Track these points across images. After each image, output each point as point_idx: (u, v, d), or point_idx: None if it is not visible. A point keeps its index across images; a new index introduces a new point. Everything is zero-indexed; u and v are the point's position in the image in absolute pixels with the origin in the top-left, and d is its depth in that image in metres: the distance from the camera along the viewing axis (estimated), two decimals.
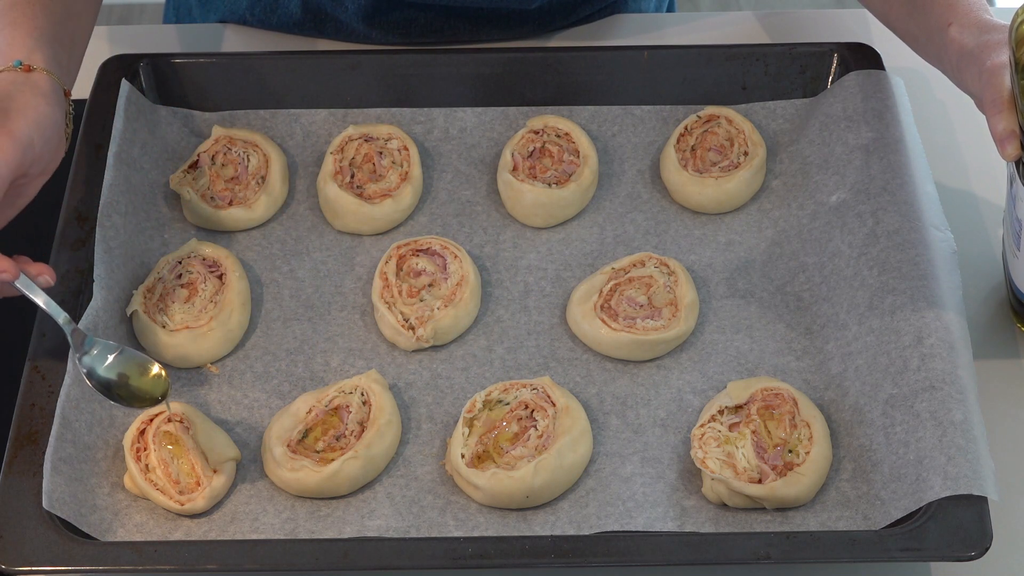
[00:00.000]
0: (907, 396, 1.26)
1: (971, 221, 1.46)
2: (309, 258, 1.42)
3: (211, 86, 1.50)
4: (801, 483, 1.23)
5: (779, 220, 1.44)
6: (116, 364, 1.25)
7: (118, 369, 1.25)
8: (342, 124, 1.50)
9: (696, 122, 1.48)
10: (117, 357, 1.25)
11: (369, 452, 1.25)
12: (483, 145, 1.50)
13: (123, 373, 1.25)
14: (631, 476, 1.26)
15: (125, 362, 1.25)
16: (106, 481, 1.26)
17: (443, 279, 1.37)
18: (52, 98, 1.25)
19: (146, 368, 1.25)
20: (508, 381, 1.31)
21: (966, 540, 1.17)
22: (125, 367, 1.25)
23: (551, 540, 1.19)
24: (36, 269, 1.23)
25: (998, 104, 1.23)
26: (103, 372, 1.24)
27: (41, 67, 1.26)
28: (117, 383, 1.24)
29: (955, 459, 1.20)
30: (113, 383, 1.24)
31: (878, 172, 1.39)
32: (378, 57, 1.51)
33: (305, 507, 1.25)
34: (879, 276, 1.33)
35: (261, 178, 1.45)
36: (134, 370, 1.25)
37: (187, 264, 1.37)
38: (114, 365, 1.24)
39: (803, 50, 1.50)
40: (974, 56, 1.26)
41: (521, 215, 1.44)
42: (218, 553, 1.19)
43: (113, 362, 1.25)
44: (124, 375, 1.25)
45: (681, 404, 1.32)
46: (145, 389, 1.25)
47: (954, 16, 1.30)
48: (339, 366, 1.35)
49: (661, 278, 1.37)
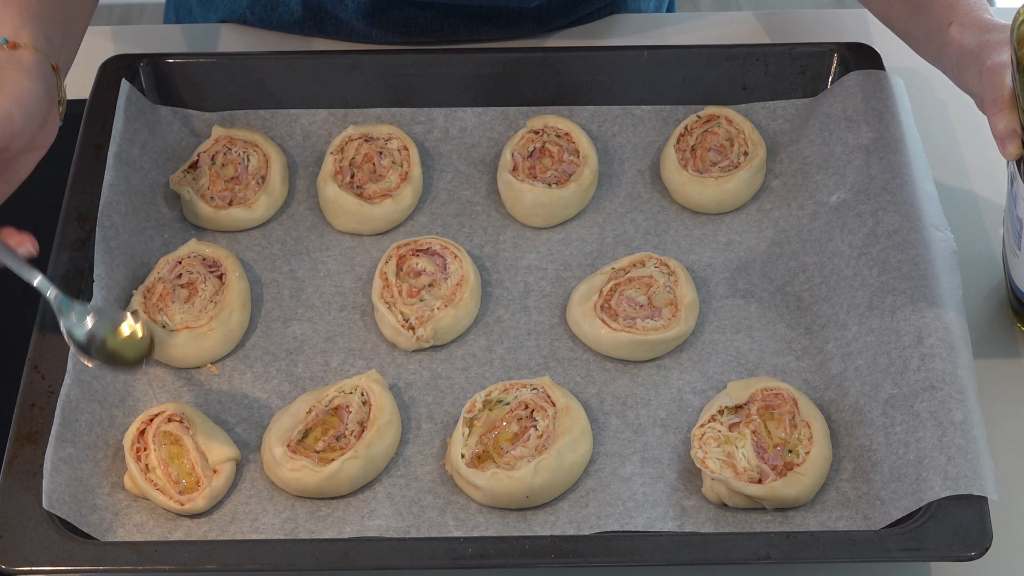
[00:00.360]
0: (907, 396, 1.26)
1: (971, 221, 1.46)
2: (309, 258, 1.42)
3: (211, 86, 1.50)
4: (801, 483, 1.23)
5: (779, 220, 1.44)
6: (94, 326, 1.23)
7: (96, 331, 1.24)
8: (342, 124, 1.50)
9: (696, 122, 1.48)
10: (95, 319, 1.24)
11: (369, 452, 1.25)
12: (483, 145, 1.50)
13: (99, 335, 1.23)
14: (631, 476, 1.27)
15: (103, 324, 1.24)
16: (106, 481, 1.26)
17: (443, 279, 1.37)
18: (35, 74, 1.25)
19: (122, 330, 1.24)
20: (508, 381, 1.31)
21: (966, 540, 1.17)
22: (102, 329, 1.23)
23: (551, 540, 1.19)
24: (17, 239, 1.23)
25: (999, 103, 1.23)
26: (80, 335, 1.23)
27: (28, 44, 1.26)
28: (97, 345, 1.23)
29: (955, 459, 1.20)
30: (93, 346, 1.23)
31: (878, 172, 1.39)
32: (378, 57, 1.51)
33: (305, 507, 1.25)
34: (879, 276, 1.33)
35: (261, 178, 1.45)
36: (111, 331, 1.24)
37: (187, 264, 1.37)
38: (92, 327, 1.23)
39: (803, 50, 1.50)
40: (974, 56, 1.26)
41: (521, 215, 1.44)
42: (218, 553, 1.19)
43: (91, 324, 1.23)
44: (101, 337, 1.23)
45: (681, 404, 1.32)
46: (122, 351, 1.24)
47: (954, 16, 1.30)
48: (339, 366, 1.35)
49: (661, 278, 1.37)
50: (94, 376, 1.29)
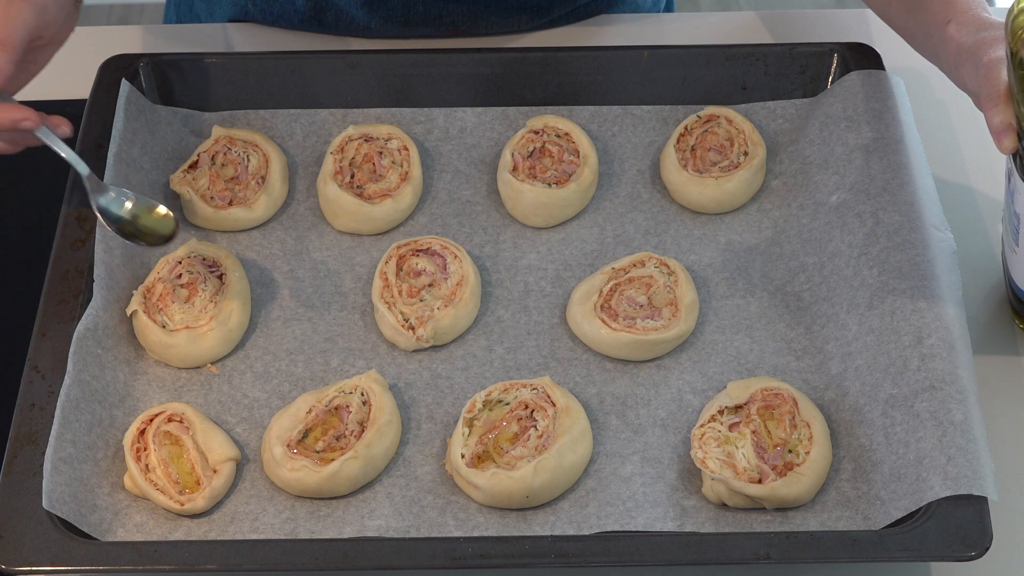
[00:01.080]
0: (907, 396, 1.26)
1: (971, 221, 1.46)
2: (309, 258, 1.42)
3: (211, 86, 1.50)
4: (801, 483, 1.23)
5: (779, 220, 1.44)
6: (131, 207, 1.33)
7: (132, 210, 1.32)
8: (342, 124, 1.50)
9: (696, 122, 1.48)
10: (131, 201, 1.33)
11: (369, 452, 1.25)
12: (483, 145, 1.50)
13: (135, 213, 1.32)
14: (631, 476, 1.26)
15: (137, 204, 1.33)
16: (106, 481, 1.26)
17: (443, 279, 1.37)
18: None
19: (154, 208, 1.33)
20: (508, 381, 1.31)
21: (966, 540, 1.17)
22: (136, 208, 1.33)
23: (551, 540, 1.19)
24: (55, 120, 1.30)
25: (994, 98, 1.23)
26: (118, 211, 1.32)
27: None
28: (129, 221, 1.32)
29: (955, 459, 1.20)
30: (125, 221, 1.32)
31: (878, 172, 1.39)
32: (378, 57, 1.51)
33: (305, 507, 1.25)
34: (879, 276, 1.33)
35: (261, 178, 1.45)
36: (143, 210, 1.33)
37: (187, 264, 1.37)
38: (128, 207, 1.32)
39: (803, 50, 1.50)
40: (971, 53, 1.26)
41: (521, 215, 1.44)
42: (218, 553, 1.19)
43: (128, 204, 1.33)
44: (135, 214, 1.32)
45: (681, 404, 1.32)
46: (153, 227, 1.33)
47: (952, 14, 1.30)
48: (339, 366, 1.35)
49: (661, 278, 1.37)
50: (94, 376, 1.29)
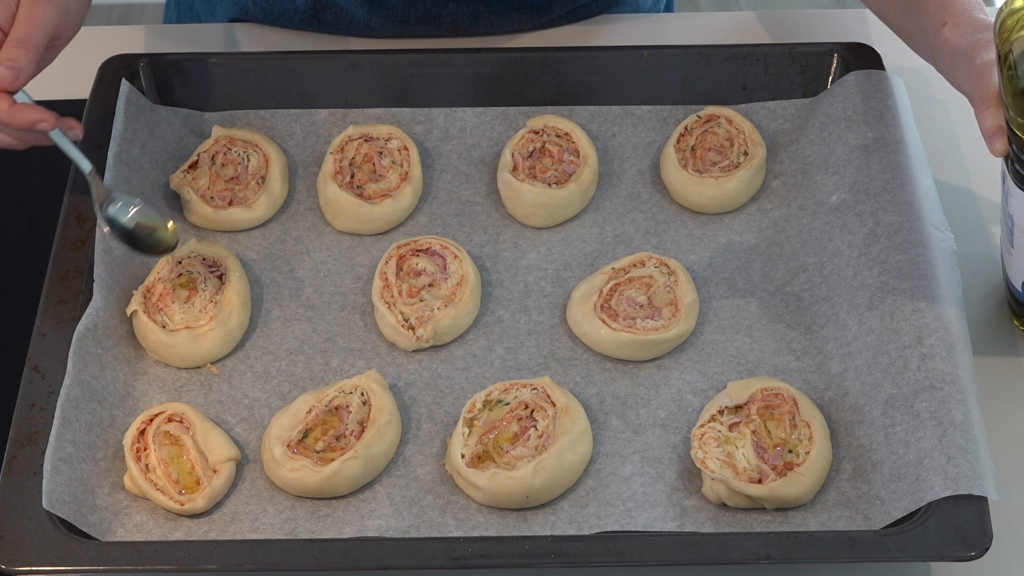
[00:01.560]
0: (907, 396, 1.26)
1: (971, 221, 1.46)
2: (309, 258, 1.42)
3: (211, 86, 1.50)
4: (801, 483, 1.23)
5: (779, 220, 1.44)
6: (135, 215, 1.33)
7: (136, 220, 1.33)
8: (342, 124, 1.50)
9: (696, 122, 1.48)
10: (136, 209, 1.33)
11: (369, 452, 1.25)
12: (483, 145, 1.50)
13: (141, 223, 1.33)
14: (631, 476, 1.27)
15: (141, 213, 1.33)
16: (106, 481, 1.26)
17: (443, 279, 1.37)
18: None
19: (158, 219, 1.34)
20: (508, 381, 1.31)
21: (966, 540, 1.17)
22: (140, 217, 1.33)
23: (551, 540, 1.19)
24: (68, 123, 1.31)
25: (986, 100, 1.23)
26: (123, 220, 1.32)
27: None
28: (133, 230, 1.33)
29: (955, 459, 1.20)
30: (129, 230, 1.33)
31: (878, 172, 1.39)
32: (378, 57, 1.51)
33: (305, 507, 1.25)
34: (879, 276, 1.33)
35: (261, 178, 1.45)
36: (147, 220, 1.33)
37: (187, 264, 1.37)
38: (133, 216, 1.33)
39: (803, 50, 1.50)
40: (965, 55, 1.26)
41: (521, 215, 1.44)
42: (218, 553, 1.19)
43: (132, 213, 1.33)
44: (139, 223, 1.33)
45: (681, 404, 1.32)
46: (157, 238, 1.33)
47: (948, 16, 1.30)
48: (339, 366, 1.35)
49: (661, 278, 1.37)
50: (94, 376, 1.29)
